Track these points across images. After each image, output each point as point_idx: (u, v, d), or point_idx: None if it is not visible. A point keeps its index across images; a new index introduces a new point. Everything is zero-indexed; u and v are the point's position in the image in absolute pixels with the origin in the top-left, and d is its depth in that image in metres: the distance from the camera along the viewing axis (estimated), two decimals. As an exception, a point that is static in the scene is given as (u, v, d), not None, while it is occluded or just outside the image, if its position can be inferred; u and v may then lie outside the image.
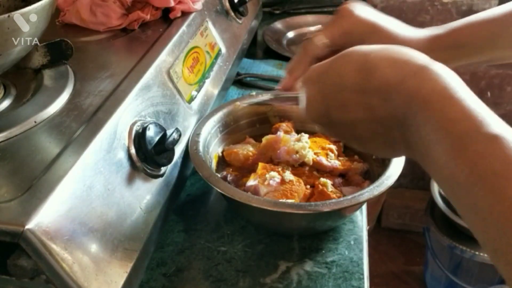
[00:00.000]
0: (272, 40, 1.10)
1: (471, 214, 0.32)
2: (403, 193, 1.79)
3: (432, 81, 0.35)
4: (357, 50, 0.40)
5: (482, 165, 0.31)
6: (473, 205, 0.31)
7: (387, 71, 0.37)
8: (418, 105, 0.35)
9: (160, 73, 0.59)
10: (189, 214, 0.64)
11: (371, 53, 0.39)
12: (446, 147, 0.33)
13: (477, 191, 0.31)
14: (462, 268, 1.45)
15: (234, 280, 0.54)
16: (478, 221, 0.31)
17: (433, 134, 0.34)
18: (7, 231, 0.36)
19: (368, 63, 0.38)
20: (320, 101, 0.42)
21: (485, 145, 0.31)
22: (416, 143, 0.36)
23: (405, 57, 0.37)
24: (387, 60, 0.38)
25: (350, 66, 0.39)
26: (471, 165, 0.31)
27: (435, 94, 0.35)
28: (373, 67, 0.38)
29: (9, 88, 0.55)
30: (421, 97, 0.35)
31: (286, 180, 0.58)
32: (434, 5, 1.45)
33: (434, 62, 0.37)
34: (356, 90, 0.39)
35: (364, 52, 0.39)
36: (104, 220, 0.43)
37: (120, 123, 0.49)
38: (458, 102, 0.34)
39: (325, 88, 0.42)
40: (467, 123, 0.32)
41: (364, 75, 0.38)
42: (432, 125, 0.34)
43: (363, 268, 0.55)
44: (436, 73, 0.36)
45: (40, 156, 0.43)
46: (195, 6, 0.72)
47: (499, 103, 1.59)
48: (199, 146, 0.61)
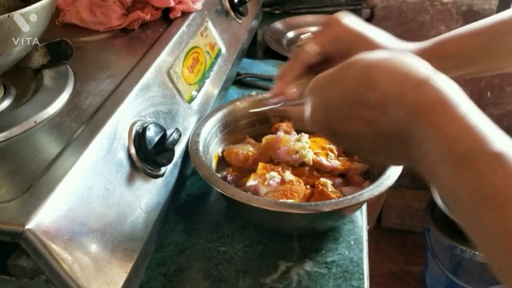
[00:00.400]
0: (272, 40, 1.10)
1: (475, 232, 0.32)
2: (403, 193, 1.79)
3: (432, 96, 0.35)
4: (360, 61, 0.40)
5: (485, 183, 0.30)
6: (477, 223, 0.31)
7: (387, 84, 0.37)
8: (418, 121, 0.35)
9: (160, 73, 0.59)
10: (189, 214, 0.64)
11: (372, 64, 0.38)
12: (448, 165, 0.33)
13: (480, 209, 0.31)
14: (462, 268, 1.45)
15: (234, 280, 0.54)
16: (482, 239, 0.31)
17: (435, 151, 0.34)
18: (7, 231, 0.36)
19: (369, 75, 0.38)
20: (324, 112, 0.42)
21: (488, 163, 0.31)
22: (418, 158, 0.36)
23: (406, 69, 0.37)
24: (388, 72, 0.37)
25: (352, 78, 0.39)
26: (474, 183, 0.31)
27: (435, 110, 0.34)
28: (373, 80, 0.37)
29: (9, 88, 0.55)
30: (421, 112, 0.35)
31: (286, 180, 0.58)
32: (434, 5, 1.45)
33: (436, 74, 0.36)
34: (357, 103, 0.39)
35: (366, 63, 0.39)
36: (104, 220, 0.43)
37: (120, 123, 0.49)
38: (459, 118, 0.33)
39: (328, 99, 0.41)
40: (470, 141, 0.32)
41: (365, 88, 0.38)
42: (434, 142, 0.34)
43: (363, 268, 0.55)
44: (437, 87, 0.35)
45: (40, 156, 0.43)
46: (195, 6, 0.72)
47: (499, 103, 1.59)
48: (199, 146, 0.61)
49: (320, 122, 0.43)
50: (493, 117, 1.62)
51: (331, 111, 0.41)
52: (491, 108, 1.60)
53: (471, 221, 0.32)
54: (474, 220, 0.31)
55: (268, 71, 0.99)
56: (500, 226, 0.29)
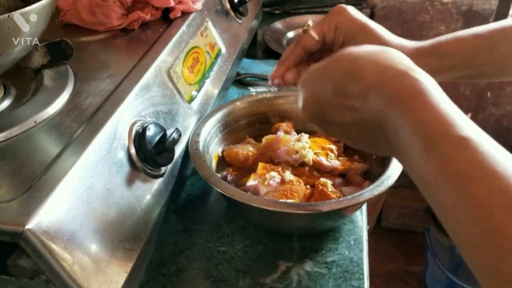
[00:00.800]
0: (272, 40, 1.10)
1: (440, 212, 0.34)
2: (403, 193, 1.79)
3: (409, 86, 0.37)
4: (348, 54, 0.42)
5: (449, 165, 0.32)
6: (441, 203, 0.33)
7: (370, 75, 0.39)
8: (396, 109, 0.37)
9: (160, 73, 0.59)
10: (189, 214, 0.64)
11: (359, 58, 0.41)
12: (419, 148, 0.35)
13: (443, 190, 0.33)
14: (462, 268, 1.45)
15: (234, 280, 0.54)
16: (446, 219, 0.33)
17: (409, 136, 0.36)
18: (7, 231, 0.36)
19: (355, 68, 0.40)
20: (314, 103, 0.45)
21: (453, 146, 0.33)
22: (395, 144, 0.38)
23: (388, 62, 0.39)
24: (372, 65, 0.40)
25: (339, 70, 0.42)
26: (439, 166, 0.33)
27: (411, 98, 0.36)
28: (358, 72, 0.40)
29: (9, 88, 0.55)
30: (399, 100, 0.37)
31: (286, 180, 0.58)
32: (434, 5, 1.45)
33: (415, 68, 0.38)
34: (343, 93, 0.41)
35: (353, 56, 0.41)
36: (104, 220, 0.43)
37: (120, 123, 0.49)
38: (432, 105, 0.35)
39: (318, 90, 0.44)
40: (438, 126, 0.34)
41: (350, 78, 0.40)
42: (408, 128, 0.36)
43: (363, 268, 0.55)
44: (415, 78, 0.37)
45: (40, 156, 0.43)
46: (195, 6, 0.72)
47: (499, 103, 1.59)
48: (199, 146, 0.61)
49: (311, 111, 0.46)
50: (493, 117, 1.62)
51: (320, 102, 0.44)
52: (491, 108, 1.60)
53: (436, 201, 0.34)
54: (439, 199, 0.34)
55: (268, 71, 0.99)
56: (461, 205, 0.31)
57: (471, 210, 0.30)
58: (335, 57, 0.43)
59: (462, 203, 0.31)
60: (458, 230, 0.32)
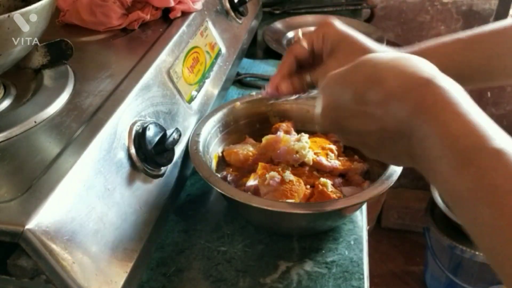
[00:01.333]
0: (272, 40, 1.10)
1: (474, 228, 0.32)
2: (403, 193, 1.79)
3: (436, 94, 0.36)
4: (369, 60, 0.41)
5: (485, 180, 0.31)
6: (476, 219, 0.32)
7: (392, 82, 0.38)
8: (421, 118, 0.36)
9: (160, 73, 0.59)
10: (189, 214, 0.64)
11: (380, 64, 0.40)
12: (449, 161, 0.34)
13: (479, 206, 0.31)
14: (462, 268, 1.45)
15: (234, 280, 0.54)
16: (481, 235, 0.32)
17: (437, 148, 0.34)
18: (7, 231, 0.36)
19: (377, 74, 0.39)
20: (333, 109, 0.44)
21: (488, 160, 0.32)
22: (419, 155, 0.37)
23: (411, 69, 0.38)
24: (394, 72, 0.38)
25: (361, 76, 0.40)
26: (474, 180, 0.32)
27: (438, 107, 0.35)
28: (380, 78, 0.39)
29: (9, 88, 0.55)
30: (424, 110, 0.36)
31: (286, 180, 0.58)
32: (434, 5, 1.45)
33: (440, 74, 0.37)
34: (364, 100, 0.40)
35: (374, 62, 0.40)
36: (104, 220, 0.43)
37: (120, 123, 0.49)
38: (462, 115, 0.34)
39: (338, 96, 0.43)
40: (471, 138, 0.33)
41: (372, 85, 0.39)
42: (436, 138, 0.35)
43: (363, 268, 0.55)
44: (440, 86, 0.36)
45: (40, 156, 0.43)
46: (195, 6, 0.72)
47: (499, 103, 1.59)
48: (199, 146, 0.61)
49: (330, 119, 0.45)
50: (493, 117, 1.60)
51: (340, 108, 0.43)
52: (491, 108, 1.60)
53: (470, 217, 0.33)
54: (473, 216, 0.32)
55: (268, 71, 0.99)
56: (498, 222, 0.30)
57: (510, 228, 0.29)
58: (357, 62, 0.42)
59: (500, 221, 0.30)
60: (495, 248, 0.31)
